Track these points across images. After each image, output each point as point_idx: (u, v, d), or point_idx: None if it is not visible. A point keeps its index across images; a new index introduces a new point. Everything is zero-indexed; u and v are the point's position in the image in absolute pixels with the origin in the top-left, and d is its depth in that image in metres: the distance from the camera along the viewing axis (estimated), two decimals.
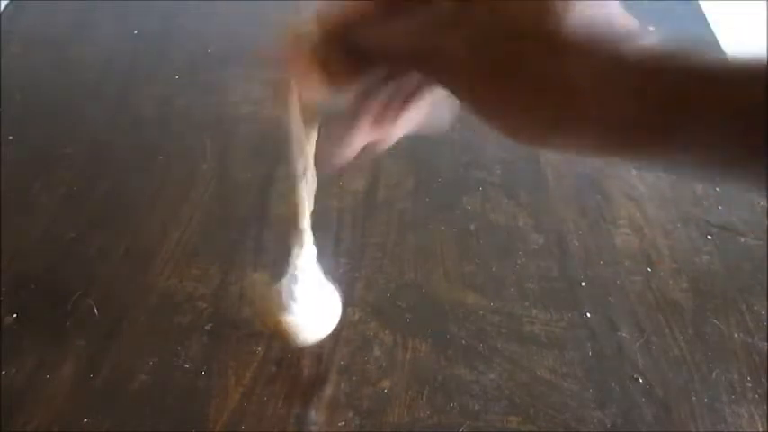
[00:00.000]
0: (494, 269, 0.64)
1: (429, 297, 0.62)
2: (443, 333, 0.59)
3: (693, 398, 0.55)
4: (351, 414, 0.53)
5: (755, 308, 0.61)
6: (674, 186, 0.73)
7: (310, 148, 0.39)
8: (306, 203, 0.43)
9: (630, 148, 0.25)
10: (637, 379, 0.56)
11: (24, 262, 0.63)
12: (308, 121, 0.37)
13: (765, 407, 0.54)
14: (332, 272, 0.51)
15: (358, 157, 0.34)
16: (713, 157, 0.24)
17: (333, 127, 0.34)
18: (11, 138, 0.75)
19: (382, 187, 0.71)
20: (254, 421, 0.53)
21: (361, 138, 0.33)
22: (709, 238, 0.67)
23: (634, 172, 0.74)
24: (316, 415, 0.53)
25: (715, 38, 0.94)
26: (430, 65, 0.28)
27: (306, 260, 0.47)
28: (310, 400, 0.54)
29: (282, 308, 0.49)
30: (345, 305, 0.60)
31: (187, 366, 0.56)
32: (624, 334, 0.59)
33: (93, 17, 0.94)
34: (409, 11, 0.27)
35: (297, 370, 0.56)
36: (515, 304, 0.61)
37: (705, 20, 0.97)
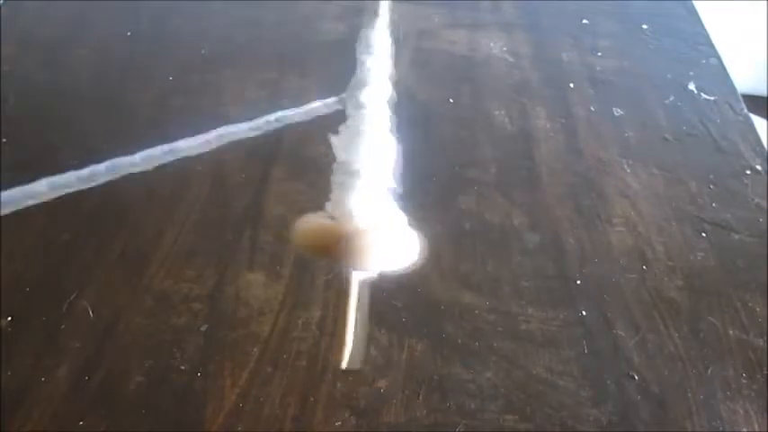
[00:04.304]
0: (489, 268, 0.64)
1: (425, 296, 0.62)
2: (439, 332, 0.59)
3: (689, 395, 0.55)
4: (347, 414, 0.53)
5: (750, 305, 0.62)
6: (668, 184, 0.73)
7: None
8: None
9: None
10: (632, 376, 0.56)
11: (19, 264, 0.63)
12: None
13: (761, 403, 0.55)
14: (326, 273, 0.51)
15: None
16: None
17: None
18: (4, 141, 0.75)
19: None
20: (251, 422, 0.53)
21: None
22: (704, 235, 0.68)
23: (629, 170, 0.75)
24: (312, 415, 0.53)
25: (708, 36, 0.94)
26: None
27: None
28: (307, 400, 0.54)
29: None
30: (342, 306, 0.60)
31: (183, 368, 0.56)
32: (620, 332, 0.59)
33: (87, 19, 0.94)
34: None
35: (293, 370, 0.56)
36: (511, 303, 0.61)
37: (698, 18, 0.98)
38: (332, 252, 0.37)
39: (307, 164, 0.74)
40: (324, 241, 0.37)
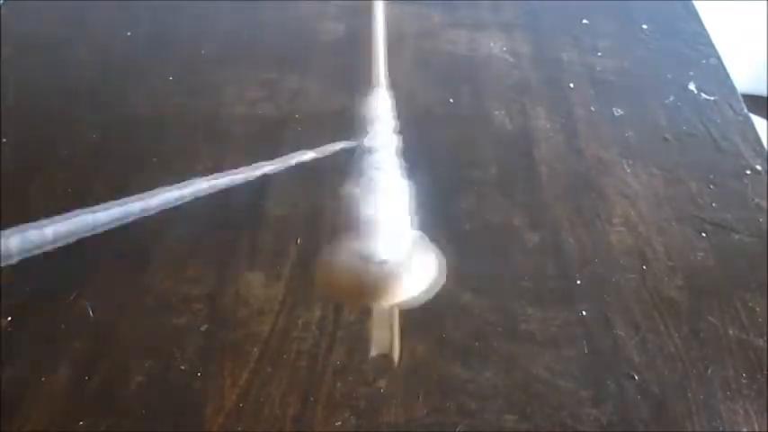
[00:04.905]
0: (489, 268, 0.64)
1: None
2: (439, 332, 0.59)
3: (689, 395, 0.55)
4: (347, 414, 0.53)
5: (750, 304, 0.62)
6: (668, 184, 0.73)
7: None
8: None
9: None
10: (632, 376, 0.56)
11: (19, 264, 0.63)
12: None
13: (761, 403, 0.55)
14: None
15: None
16: None
17: None
18: (5, 140, 0.75)
19: None
20: (251, 422, 0.53)
21: None
22: (704, 235, 0.68)
23: (629, 170, 0.75)
24: (312, 415, 0.53)
25: (708, 36, 0.94)
26: None
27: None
28: (307, 400, 0.54)
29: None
30: (341, 306, 0.60)
31: (183, 368, 0.56)
32: (619, 332, 0.59)
33: (87, 19, 0.94)
34: None
35: (293, 370, 0.56)
36: (511, 303, 0.61)
37: (698, 18, 0.98)
38: (365, 293, 0.41)
39: (307, 164, 0.73)
40: (356, 284, 0.41)
